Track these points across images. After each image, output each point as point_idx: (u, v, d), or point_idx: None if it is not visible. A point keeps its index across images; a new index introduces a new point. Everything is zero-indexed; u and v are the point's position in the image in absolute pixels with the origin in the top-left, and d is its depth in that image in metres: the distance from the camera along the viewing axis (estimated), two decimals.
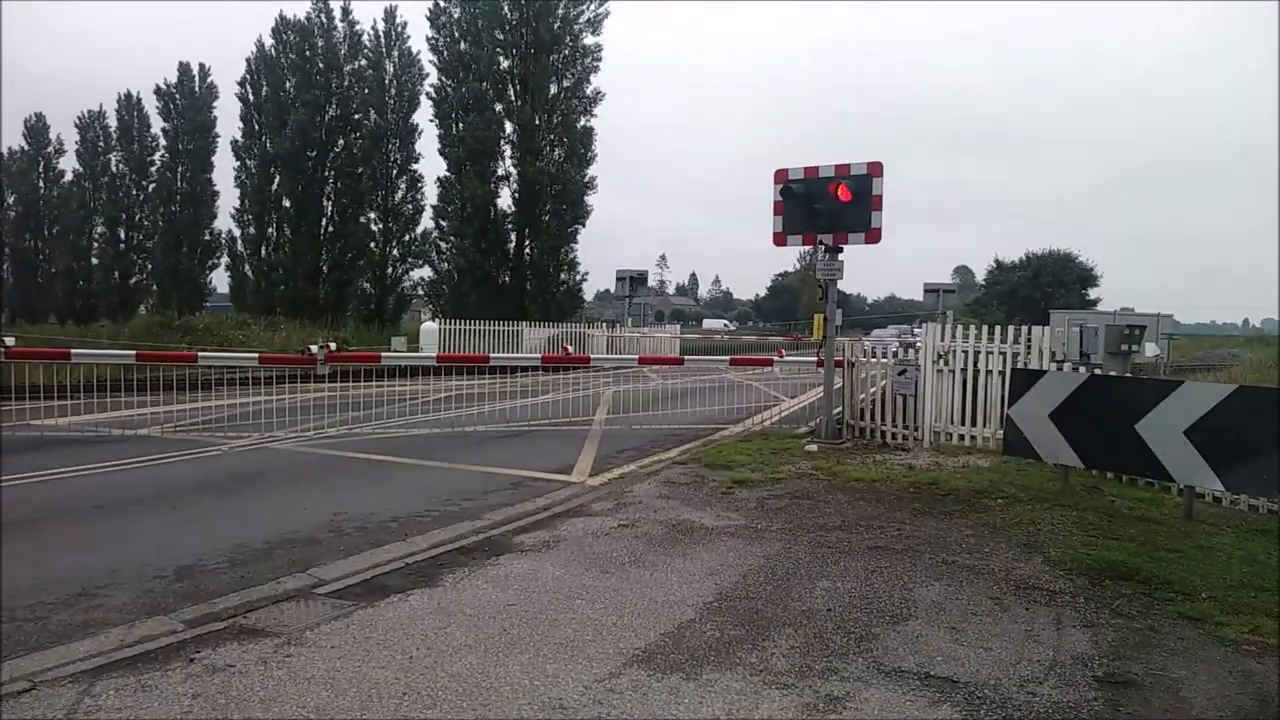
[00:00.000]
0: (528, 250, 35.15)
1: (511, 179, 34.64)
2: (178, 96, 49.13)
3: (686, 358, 18.09)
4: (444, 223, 35.48)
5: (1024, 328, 10.81)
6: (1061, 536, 6.74)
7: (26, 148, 59.42)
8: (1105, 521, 7.17)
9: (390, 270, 38.74)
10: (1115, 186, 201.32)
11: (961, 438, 10.96)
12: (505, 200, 34.93)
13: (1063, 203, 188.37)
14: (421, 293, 38.98)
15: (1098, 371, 9.46)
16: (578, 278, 36.67)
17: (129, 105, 52.46)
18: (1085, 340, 10.53)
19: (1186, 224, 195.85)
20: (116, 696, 3.80)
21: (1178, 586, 5.52)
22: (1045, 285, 62.30)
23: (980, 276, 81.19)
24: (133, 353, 13.68)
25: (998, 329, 10.88)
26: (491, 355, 20.38)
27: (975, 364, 10.86)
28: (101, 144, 53.44)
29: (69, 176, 56.97)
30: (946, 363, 11.08)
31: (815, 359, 12.75)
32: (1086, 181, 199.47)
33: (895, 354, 12.06)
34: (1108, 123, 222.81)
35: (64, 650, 4.34)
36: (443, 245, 35.90)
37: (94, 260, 54.62)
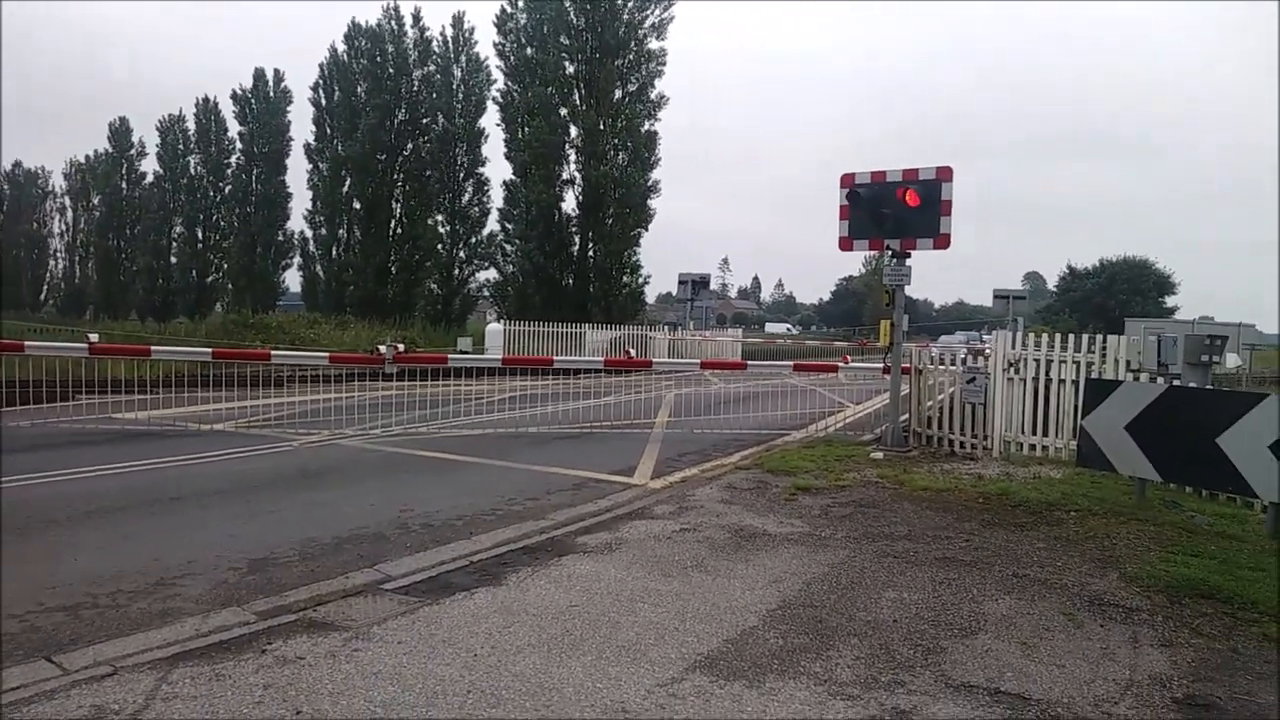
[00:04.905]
0: (591, 253, 35.36)
1: (576, 183, 34.92)
2: (253, 101, 50.76)
3: (749, 362, 17.97)
4: (509, 225, 36.00)
5: (1098, 336, 10.52)
6: (1138, 552, 6.52)
7: (111, 150, 62.07)
8: (1184, 537, 6.92)
9: (457, 271, 39.54)
10: (1195, 191, 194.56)
11: (1032, 448, 10.70)
12: (569, 204, 35.29)
13: (1139, 209, 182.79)
14: (487, 294, 39.59)
15: (1177, 383, 9.15)
16: (640, 280, 36.77)
17: (207, 109, 54.32)
18: (1163, 350, 10.15)
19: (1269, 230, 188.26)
20: (192, 684, 3.90)
21: (1262, 607, 5.28)
22: (1120, 293, 60.87)
23: (1052, 283, 79.57)
24: (209, 350, 14.12)
25: (1071, 337, 10.61)
26: (555, 358, 20.52)
27: (1047, 373, 10.61)
28: (181, 147, 55.44)
29: (150, 178, 59.30)
30: (1017, 371, 10.83)
31: (882, 365, 12.58)
32: (1166, 187, 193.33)
33: (964, 361, 11.82)
34: (1189, 128, 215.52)
35: (143, 638, 4.48)
36: (508, 247, 36.45)
37: (173, 259, 56.82)
